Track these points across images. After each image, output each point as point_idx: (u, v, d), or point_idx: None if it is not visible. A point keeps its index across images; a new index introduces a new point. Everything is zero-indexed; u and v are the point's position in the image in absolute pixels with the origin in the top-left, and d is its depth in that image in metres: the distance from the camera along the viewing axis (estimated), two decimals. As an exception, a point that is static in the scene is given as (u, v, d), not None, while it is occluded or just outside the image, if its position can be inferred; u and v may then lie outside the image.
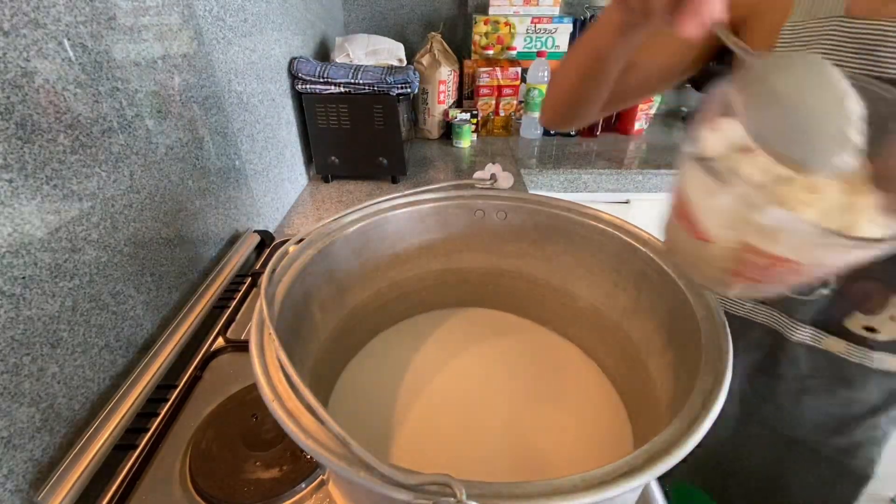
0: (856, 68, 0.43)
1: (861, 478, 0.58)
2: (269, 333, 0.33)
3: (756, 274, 0.27)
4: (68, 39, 0.44)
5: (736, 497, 0.65)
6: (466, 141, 1.42)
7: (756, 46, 0.48)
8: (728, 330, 0.35)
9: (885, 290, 0.46)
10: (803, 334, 0.52)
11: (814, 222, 0.23)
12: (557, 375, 0.54)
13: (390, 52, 1.28)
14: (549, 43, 1.48)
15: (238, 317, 0.67)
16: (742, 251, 0.27)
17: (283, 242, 0.81)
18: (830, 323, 0.50)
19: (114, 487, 0.44)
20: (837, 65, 0.32)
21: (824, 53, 0.44)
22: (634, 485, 0.25)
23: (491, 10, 1.39)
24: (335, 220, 0.48)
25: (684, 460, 0.27)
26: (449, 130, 1.45)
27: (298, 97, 1.06)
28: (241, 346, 0.61)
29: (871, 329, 0.48)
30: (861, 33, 0.43)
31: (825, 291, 0.49)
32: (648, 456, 0.26)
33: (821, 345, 0.51)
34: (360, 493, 0.36)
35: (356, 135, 1.09)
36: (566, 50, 1.49)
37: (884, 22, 0.41)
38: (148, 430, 0.49)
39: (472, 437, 0.47)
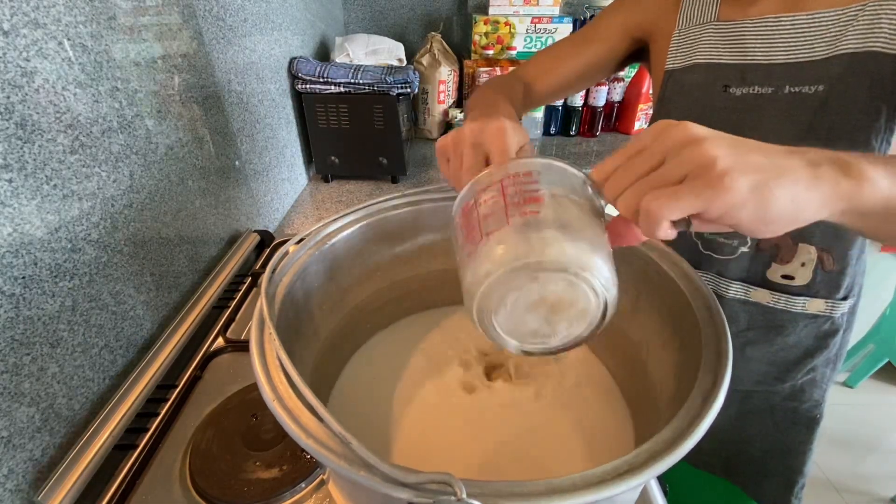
0: (729, 59, 0.53)
1: (811, 420, 0.64)
2: (270, 333, 0.33)
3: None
4: (68, 39, 0.44)
5: (706, 454, 0.71)
6: (466, 141, 1.42)
7: (659, 54, 0.61)
8: (728, 330, 0.35)
9: (792, 241, 0.54)
10: (735, 290, 0.59)
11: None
12: (559, 373, 0.54)
13: (390, 51, 1.28)
14: (549, 43, 1.48)
15: (238, 317, 0.67)
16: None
17: (283, 242, 0.81)
18: (755, 276, 0.57)
19: (114, 487, 0.44)
20: (716, 61, 0.54)
21: (704, 51, 0.55)
22: (634, 484, 0.25)
23: (491, 10, 1.39)
24: (335, 219, 0.48)
25: None
26: (449, 130, 1.45)
27: (298, 97, 1.06)
28: (241, 346, 0.61)
29: (788, 277, 0.56)
30: (731, 32, 0.53)
31: (745, 249, 0.57)
32: (648, 455, 0.26)
33: (751, 297, 0.58)
34: (361, 492, 0.36)
35: (356, 135, 1.09)
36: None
37: (747, 21, 0.52)
38: (148, 430, 0.49)
39: (472, 436, 0.47)
